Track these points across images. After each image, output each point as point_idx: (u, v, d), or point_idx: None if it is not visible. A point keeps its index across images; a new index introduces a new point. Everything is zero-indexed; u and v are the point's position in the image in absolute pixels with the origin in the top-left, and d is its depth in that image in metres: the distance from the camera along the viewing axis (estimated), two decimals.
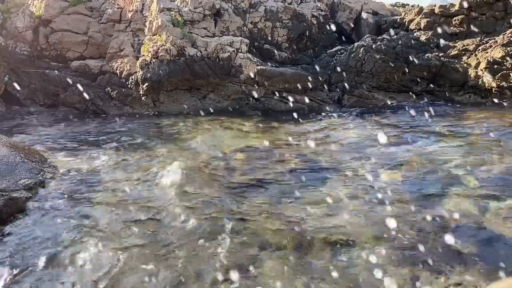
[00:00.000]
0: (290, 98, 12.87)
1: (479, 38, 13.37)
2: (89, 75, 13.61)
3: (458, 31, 14.11)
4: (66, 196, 6.08)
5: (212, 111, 12.36)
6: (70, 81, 13.02)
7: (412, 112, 11.52)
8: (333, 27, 16.71)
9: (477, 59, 12.45)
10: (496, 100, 11.82)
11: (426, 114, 11.02)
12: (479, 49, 12.76)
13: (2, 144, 6.86)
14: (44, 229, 5.13)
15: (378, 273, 4.10)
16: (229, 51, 13.01)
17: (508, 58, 11.72)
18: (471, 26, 14.03)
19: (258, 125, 10.66)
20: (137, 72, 12.60)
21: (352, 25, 17.46)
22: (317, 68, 14.42)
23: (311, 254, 4.47)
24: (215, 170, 7.13)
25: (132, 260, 4.45)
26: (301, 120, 10.98)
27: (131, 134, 10.07)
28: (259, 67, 12.97)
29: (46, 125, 11.26)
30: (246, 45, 13.57)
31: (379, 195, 5.83)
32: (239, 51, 13.26)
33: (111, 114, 12.43)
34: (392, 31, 14.90)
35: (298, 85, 12.98)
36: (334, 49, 15.66)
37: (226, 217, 5.31)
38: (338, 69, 13.94)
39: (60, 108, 12.95)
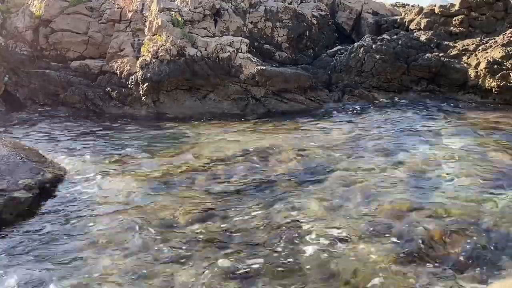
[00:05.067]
0: (290, 98, 12.87)
1: (479, 38, 13.36)
2: (89, 75, 13.58)
3: (458, 31, 14.11)
4: (66, 196, 6.08)
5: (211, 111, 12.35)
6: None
7: (411, 112, 11.54)
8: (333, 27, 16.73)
9: (477, 59, 12.45)
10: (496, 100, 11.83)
11: (425, 114, 11.03)
12: (479, 49, 12.75)
13: (2, 144, 6.86)
14: (45, 229, 5.13)
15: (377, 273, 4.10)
16: (229, 51, 13.00)
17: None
18: (471, 26, 14.05)
19: (258, 124, 10.66)
20: (137, 72, 12.58)
21: (352, 25, 17.46)
22: (317, 68, 14.41)
23: None
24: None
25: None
26: (300, 120, 10.99)
27: (131, 134, 10.06)
28: (259, 67, 12.96)
29: (47, 125, 11.24)
30: (246, 45, 13.56)
31: (372, 196, 5.83)
32: (239, 51, 13.25)
33: (110, 114, 12.41)
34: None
35: (298, 85, 12.98)
36: (334, 49, 15.65)
37: None
38: (338, 69, 13.94)
39: (60, 108, 12.93)
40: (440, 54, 13.10)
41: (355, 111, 11.93)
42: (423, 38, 13.94)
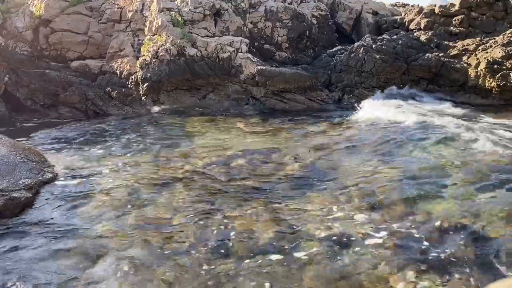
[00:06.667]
0: (290, 98, 12.87)
1: (479, 38, 13.35)
2: (89, 75, 13.60)
3: (458, 31, 14.10)
4: (66, 196, 6.08)
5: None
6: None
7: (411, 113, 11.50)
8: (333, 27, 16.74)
9: (477, 59, 12.43)
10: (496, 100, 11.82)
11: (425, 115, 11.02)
12: (479, 49, 12.73)
13: (2, 144, 6.86)
14: (44, 229, 5.13)
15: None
16: (229, 51, 13.01)
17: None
18: (471, 26, 14.04)
19: (257, 124, 10.65)
20: (137, 72, 12.59)
21: (352, 25, 17.46)
22: (317, 68, 14.41)
23: None
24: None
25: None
26: (300, 120, 10.98)
27: (131, 134, 10.05)
28: (259, 67, 12.96)
29: (46, 125, 11.24)
30: (246, 45, 13.57)
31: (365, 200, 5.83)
32: (239, 51, 13.26)
33: (110, 114, 12.40)
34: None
35: (298, 85, 12.98)
36: (334, 49, 15.65)
37: None
38: (338, 69, 13.94)
39: (60, 108, 12.92)
40: (440, 54, 13.09)
41: (354, 111, 11.92)
42: (423, 38, 13.93)
